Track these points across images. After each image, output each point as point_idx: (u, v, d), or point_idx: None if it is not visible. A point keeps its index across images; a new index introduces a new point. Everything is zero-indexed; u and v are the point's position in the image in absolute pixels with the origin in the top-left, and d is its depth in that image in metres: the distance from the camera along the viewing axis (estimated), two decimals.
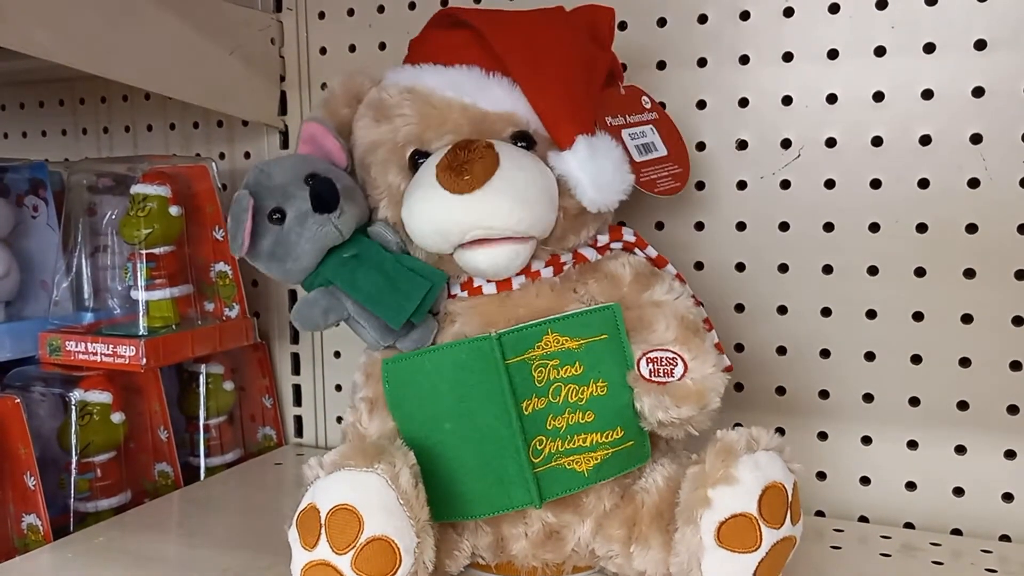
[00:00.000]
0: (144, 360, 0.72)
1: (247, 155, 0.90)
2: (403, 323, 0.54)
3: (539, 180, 0.53)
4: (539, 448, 0.53)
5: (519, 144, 0.55)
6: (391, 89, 0.58)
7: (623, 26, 0.71)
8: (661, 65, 0.71)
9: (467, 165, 0.51)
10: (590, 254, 0.58)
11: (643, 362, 0.54)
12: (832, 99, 0.67)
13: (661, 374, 0.53)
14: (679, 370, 0.53)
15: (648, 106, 0.67)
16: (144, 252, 0.75)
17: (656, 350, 0.54)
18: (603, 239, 0.59)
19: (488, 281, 0.56)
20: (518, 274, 0.56)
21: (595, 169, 0.54)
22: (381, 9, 0.81)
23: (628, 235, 0.60)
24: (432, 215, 0.52)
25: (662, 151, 0.65)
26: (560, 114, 0.55)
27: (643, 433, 0.55)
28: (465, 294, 0.57)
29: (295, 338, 0.90)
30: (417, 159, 0.56)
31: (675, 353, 0.54)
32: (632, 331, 0.55)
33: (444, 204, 0.51)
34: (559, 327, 0.54)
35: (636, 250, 0.60)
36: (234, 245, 0.55)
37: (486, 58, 0.56)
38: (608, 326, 0.54)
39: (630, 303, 0.56)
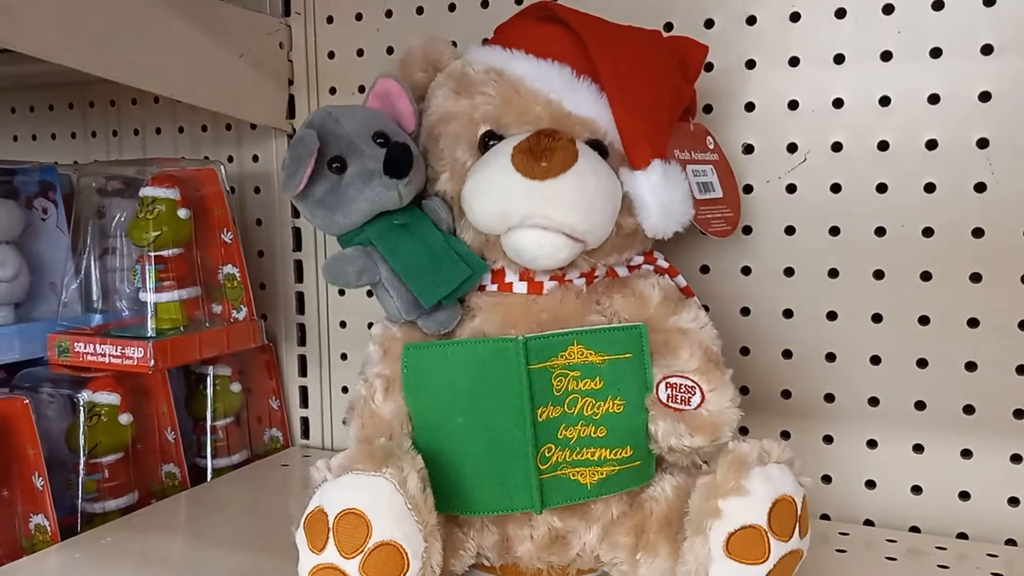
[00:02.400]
0: (152, 361, 0.72)
1: (255, 158, 0.91)
2: (434, 302, 0.54)
3: (609, 189, 0.53)
4: (547, 455, 0.53)
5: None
6: (477, 66, 0.57)
7: None
8: None
9: (547, 152, 0.50)
10: (620, 270, 0.58)
11: (662, 386, 0.54)
12: (838, 103, 0.67)
13: (679, 401, 0.54)
14: (696, 399, 0.53)
15: (711, 146, 0.67)
16: (153, 254, 0.76)
17: (676, 376, 0.54)
18: (637, 260, 0.59)
19: (521, 279, 0.56)
20: (551, 279, 0.56)
21: (666, 196, 0.54)
22: (389, 14, 0.81)
23: (661, 260, 0.60)
24: (498, 194, 0.52)
25: (718, 192, 0.65)
26: (641, 133, 0.55)
27: (651, 455, 0.55)
28: (495, 287, 0.56)
29: (302, 340, 0.90)
30: (488, 140, 0.55)
31: (695, 382, 0.54)
32: (655, 354, 0.55)
33: (513, 185, 0.51)
34: (585, 340, 0.54)
35: (666, 276, 0.59)
36: (289, 183, 0.53)
37: (579, 59, 0.55)
38: (634, 346, 0.54)
39: (656, 326, 0.56)
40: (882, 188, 0.66)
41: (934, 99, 0.64)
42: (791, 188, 0.69)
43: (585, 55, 0.55)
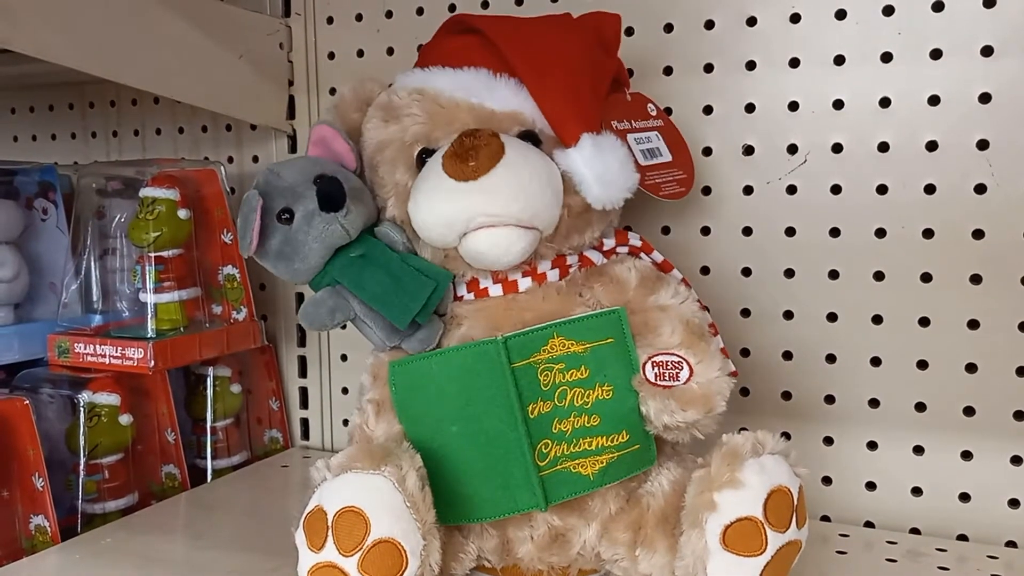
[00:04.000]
0: (152, 362, 0.72)
1: (255, 159, 0.91)
2: (408, 323, 0.54)
3: (543, 171, 0.53)
4: (545, 451, 0.53)
5: (526, 143, 0.55)
6: (401, 91, 0.59)
7: (630, 32, 0.71)
8: (668, 71, 0.71)
9: (472, 152, 0.51)
10: (596, 258, 0.58)
11: (648, 366, 0.54)
12: (839, 105, 0.67)
13: (667, 378, 0.54)
14: (684, 374, 0.53)
15: (654, 113, 0.67)
16: (152, 255, 0.76)
17: (661, 354, 0.54)
18: (609, 243, 0.59)
19: (494, 282, 0.56)
20: (524, 276, 0.56)
21: (600, 166, 0.55)
22: (389, 14, 0.81)
23: (634, 239, 0.60)
24: (437, 205, 0.53)
25: (667, 157, 0.65)
26: (566, 112, 0.56)
27: (649, 437, 0.55)
28: (471, 296, 0.57)
29: (302, 341, 0.90)
30: (424, 157, 0.56)
31: (680, 357, 0.54)
32: (637, 335, 0.55)
33: (449, 192, 0.52)
34: (565, 331, 0.54)
35: (642, 254, 0.60)
36: (243, 244, 0.55)
37: (494, 61, 0.56)
38: (614, 330, 0.55)
39: (635, 307, 0.56)
40: (882, 189, 0.66)
41: (934, 100, 0.64)
42: (791, 189, 0.69)
43: (499, 54, 0.56)
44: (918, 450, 0.67)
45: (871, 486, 0.69)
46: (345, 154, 0.59)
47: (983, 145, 0.63)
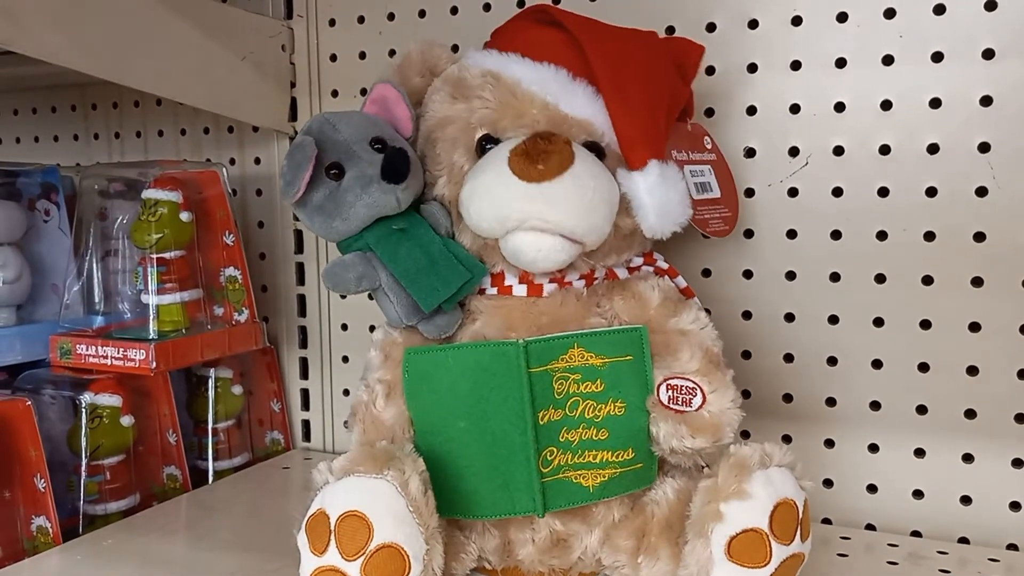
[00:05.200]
0: (154, 364, 0.72)
1: (257, 161, 0.91)
2: (434, 307, 0.54)
3: (606, 190, 0.53)
4: (549, 458, 0.53)
5: None
6: (473, 70, 0.57)
7: None
8: None
9: (544, 156, 0.50)
10: (621, 272, 0.58)
11: (663, 388, 0.54)
12: (840, 107, 0.67)
13: (680, 402, 0.54)
14: (697, 400, 0.53)
15: (709, 146, 0.67)
16: (155, 256, 0.76)
17: (677, 378, 0.54)
18: (636, 260, 0.59)
19: (520, 282, 0.56)
20: (551, 281, 0.56)
21: (663, 196, 0.54)
22: (391, 17, 0.82)
23: (661, 261, 0.60)
24: (495, 197, 0.52)
25: (716, 193, 0.65)
26: (638, 134, 0.55)
27: (652, 457, 0.55)
28: (495, 291, 0.56)
29: (304, 343, 0.90)
30: (485, 144, 0.55)
31: (696, 384, 0.54)
32: (655, 356, 0.55)
33: (510, 188, 0.51)
34: (586, 342, 0.54)
35: (666, 277, 0.59)
36: (288, 190, 0.53)
37: (575, 62, 0.56)
38: (634, 348, 0.54)
39: (656, 327, 0.56)
40: (883, 192, 0.66)
41: (935, 103, 0.64)
42: (793, 192, 0.69)
43: (581, 57, 0.55)
44: (919, 453, 0.67)
45: (872, 489, 0.69)
46: (404, 120, 0.57)
47: (984, 148, 0.63)
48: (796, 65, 0.68)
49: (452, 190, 0.56)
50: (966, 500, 0.66)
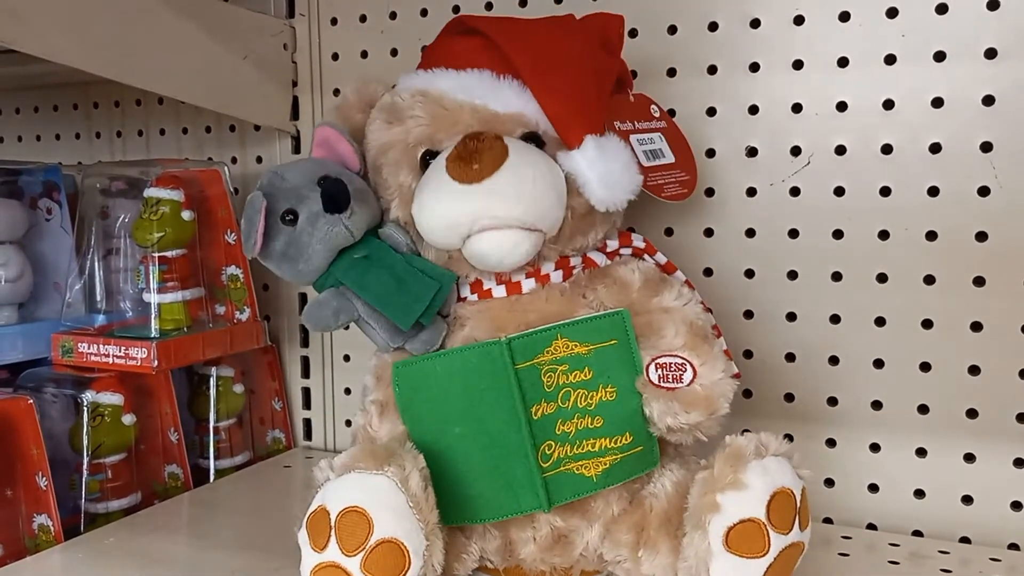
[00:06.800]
0: (155, 362, 0.72)
1: (259, 159, 0.91)
2: (412, 324, 0.54)
3: (547, 174, 0.53)
4: (548, 453, 0.53)
5: (530, 145, 0.55)
6: (404, 93, 0.59)
7: (633, 33, 0.71)
8: (671, 72, 0.71)
9: (476, 155, 0.51)
10: (600, 259, 0.58)
11: (652, 368, 0.54)
12: (842, 107, 0.67)
13: (670, 380, 0.54)
14: (688, 376, 0.53)
15: (657, 114, 0.67)
16: (156, 255, 0.76)
17: (665, 355, 0.54)
18: (613, 244, 0.59)
19: (498, 284, 0.56)
20: (527, 277, 0.56)
21: (603, 168, 0.55)
22: (393, 15, 0.82)
23: (638, 241, 0.60)
24: (441, 207, 0.53)
25: (670, 158, 0.65)
26: (569, 114, 0.55)
27: (652, 438, 0.55)
28: (475, 297, 0.57)
29: (305, 341, 0.90)
30: (428, 159, 0.56)
31: (684, 359, 0.54)
32: (641, 337, 0.55)
33: (453, 195, 0.52)
34: (569, 332, 0.54)
35: (645, 256, 0.60)
36: (247, 245, 0.55)
37: (497, 62, 0.56)
38: (618, 332, 0.54)
39: (639, 309, 0.56)
40: (885, 191, 0.66)
41: (938, 103, 0.64)
42: (795, 191, 0.69)
43: (502, 56, 0.56)
44: (921, 452, 0.67)
45: (873, 488, 0.69)
46: (348, 156, 0.59)
47: (987, 147, 0.63)
48: (798, 64, 0.68)
49: (405, 211, 0.57)
50: (967, 500, 0.66)
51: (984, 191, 0.63)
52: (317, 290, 0.58)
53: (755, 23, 0.69)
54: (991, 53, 0.62)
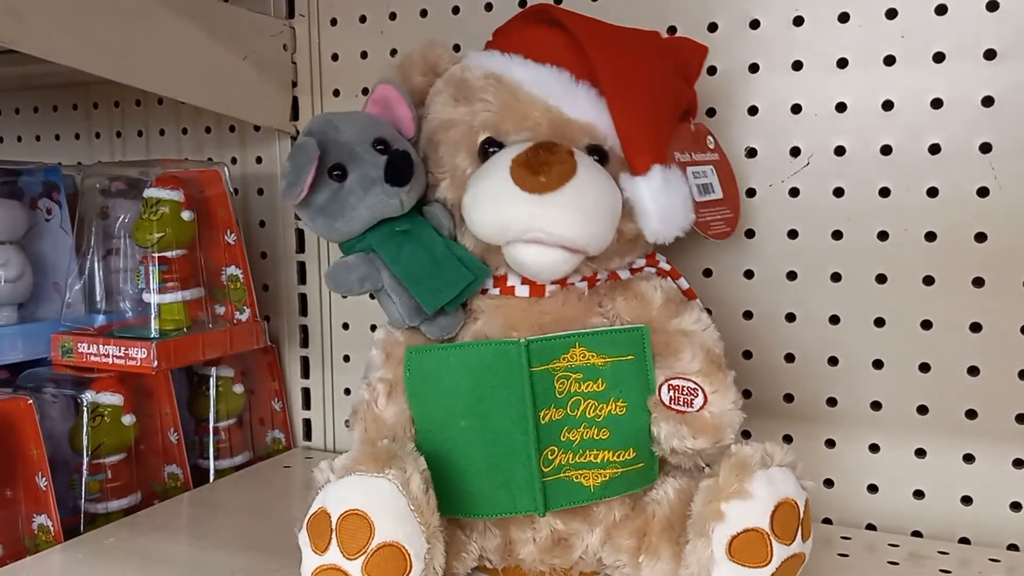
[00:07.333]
0: (155, 362, 0.72)
1: (259, 160, 0.91)
2: (437, 308, 0.54)
3: (608, 199, 0.53)
4: (550, 458, 0.53)
5: (593, 158, 0.55)
6: (476, 71, 0.57)
7: None
8: None
9: (546, 167, 0.50)
10: (622, 272, 0.58)
11: (664, 388, 0.54)
12: (841, 108, 0.67)
13: (681, 403, 0.54)
14: (699, 401, 0.53)
15: (711, 146, 0.67)
16: (156, 255, 0.76)
17: (679, 378, 0.54)
18: (639, 262, 0.59)
19: (523, 283, 0.56)
20: (553, 282, 0.56)
21: (666, 201, 0.54)
22: (393, 16, 0.82)
23: (663, 263, 0.60)
24: (497, 208, 0.52)
25: (719, 194, 0.65)
26: (642, 139, 0.55)
27: (653, 457, 0.55)
28: (497, 291, 0.56)
29: (305, 342, 0.90)
30: (488, 148, 0.55)
31: (697, 384, 0.54)
32: (657, 356, 0.55)
33: (511, 200, 0.51)
34: (587, 342, 0.54)
35: (668, 278, 0.59)
36: (290, 192, 0.53)
37: (577, 63, 0.55)
38: (636, 348, 0.54)
39: (657, 327, 0.56)
40: (885, 192, 0.66)
41: (937, 103, 0.64)
42: (794, 192, 0.69)
43: (583, 59, 0.55)
44: (920, 453, 0.67)
45: (873, 489, 0.69)
46: (406, 120, 0.57)
47: (986, 148, 0.63)
48: (798, 65, 0.68)
49: (455, 193, 0.56)
50: (967, 500, 0.66)
51: (983, 192, 0.63)
52: (344, 250, 0.56)
53: (755, 24, 0.69)
54: (990, 54, 0.62)
